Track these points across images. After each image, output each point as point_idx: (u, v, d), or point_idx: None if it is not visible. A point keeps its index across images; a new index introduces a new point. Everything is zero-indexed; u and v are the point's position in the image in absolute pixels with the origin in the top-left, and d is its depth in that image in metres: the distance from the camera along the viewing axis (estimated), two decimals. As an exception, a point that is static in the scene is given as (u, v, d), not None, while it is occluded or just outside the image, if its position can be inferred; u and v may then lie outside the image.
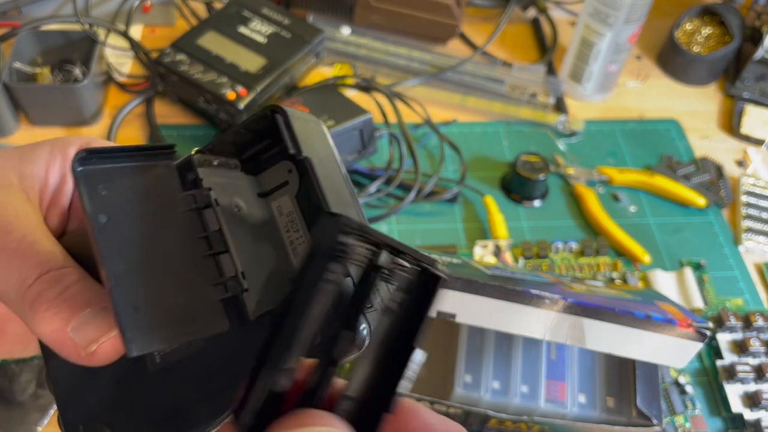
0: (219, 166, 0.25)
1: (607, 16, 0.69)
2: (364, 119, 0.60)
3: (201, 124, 0.70)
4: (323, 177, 0.23)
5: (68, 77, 0.68)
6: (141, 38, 0.77)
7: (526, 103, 0.75)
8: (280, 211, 0.26)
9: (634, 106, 0.78)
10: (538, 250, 0.61)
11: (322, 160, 0.24)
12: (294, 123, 0.23)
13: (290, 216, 0.25)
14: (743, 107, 0.77)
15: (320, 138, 0.24)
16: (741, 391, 0.53)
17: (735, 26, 0.78)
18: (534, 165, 0.65)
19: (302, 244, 0.25)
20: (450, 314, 0.42)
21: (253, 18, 0.70)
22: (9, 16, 0.74)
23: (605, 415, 0.46)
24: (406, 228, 0.63)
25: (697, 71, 0.79)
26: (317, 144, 0.24)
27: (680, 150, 0.73)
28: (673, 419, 0.52)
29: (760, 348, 0.55)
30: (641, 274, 0.61)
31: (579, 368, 0.47)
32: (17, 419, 0.48)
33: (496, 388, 0.45)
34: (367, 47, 0.77)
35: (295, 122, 0.23)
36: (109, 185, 0.22)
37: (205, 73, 0.65)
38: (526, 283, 0.43)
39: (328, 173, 0.24)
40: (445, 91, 0.75)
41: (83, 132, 0.67)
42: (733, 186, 0.70)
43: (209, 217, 0.24)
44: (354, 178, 0.65)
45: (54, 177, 0.26)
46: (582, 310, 0.42)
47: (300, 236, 0.25)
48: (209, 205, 0.24)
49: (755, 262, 0.64)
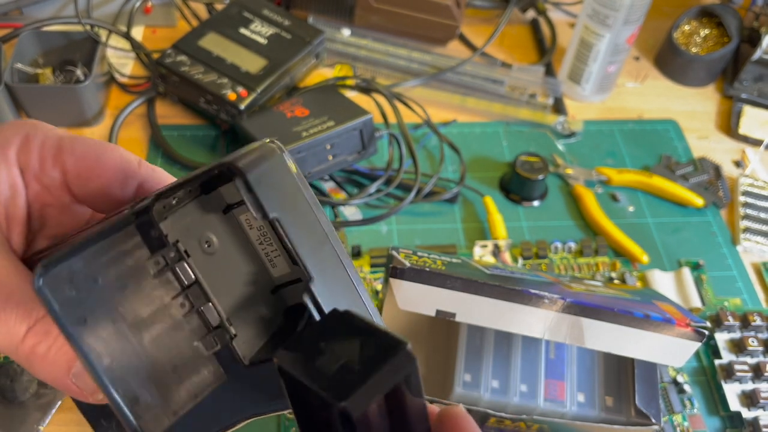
0: (178, 204, 0.24)
1: (606, 17, 0.69)
2: (364, 120, 0.61)
3: (202, 125, 0.70)
4: (293, 228, 0.22)
5: (70, 78, 0.69)
6: (142, 39, 0.77)
7: (525, 104, 0.75)
8: (250, 225, 0.25)
9: (632, 106, 0.78)
10: (537, 250, 0.61)
11: (288, 202, 0.22)
12: (252, 179, 0.21)
13: (261, 229, 0.25)
14: (741, 108, 0.78)
15: (281, 173, 0.22)
16: (739, 390, 0.53)
17: (733, 27, 0.78)
18: (533, 165, 0.65)
19: (278, 257, 0.25)
20: (450, 313, 0.42)
21: (253, 19, 0.71)
22: (10, 17, 0.75)
23: (604, 414, 0.46)
24: (405, 228, 0.63)
25: (695, 72, 0.80)
26: (281, 185, 0.22)
27: (679, 150, 0.73)
28: (671, 418, 0.52)
29: (757, 347, 0.55)
30: (640, 274, 0.61)
31: (578, 367, 0.48)
32: (19, 419, 0.48)
33: (495, 387, 0.46)
34: (367, 48, 0.77)
35: (253, 175, 0.21)
36: (76, 282, 0.21)
37: (206, 73, 0.65)
38: (525, 282, 0.44)
39: (298, 217, 0.22)
40: (444, 91, 0.75)
41: (85, 133, 0.68)
42: (732, 186, 0.70)
43: (183, 272, 0.23)
44: (354, 179, 0.66)
45: (2, 191, 0.25)
46: (581, 310, 0.42)
47: (274, 249, 0.25)
48: (180, 259, 0.23)
49: (753, 262, 0.64)
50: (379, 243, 0.62)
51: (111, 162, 0.26)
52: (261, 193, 0.21)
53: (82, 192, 0.27)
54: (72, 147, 0.27)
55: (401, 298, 0.42)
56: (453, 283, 0.42)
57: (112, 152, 0.27)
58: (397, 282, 0.42)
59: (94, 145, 0.27)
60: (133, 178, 0.27)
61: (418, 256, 0.45)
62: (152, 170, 0.28)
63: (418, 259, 0.44)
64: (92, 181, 0.26)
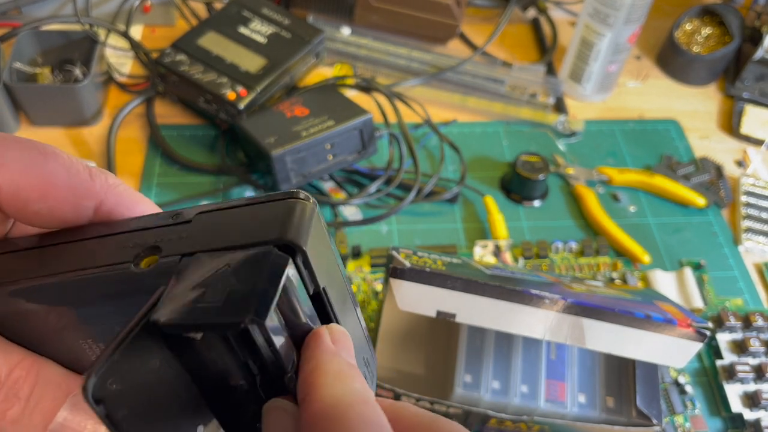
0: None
1: (607, 16, 0.69)
2: (364, 119, 0.60)
3: (201, 124, 0.70)
4: (333, 292, 0.20)
5: (68, 77, 0.68)
6: (141, 38, 0.77)
7: (526, 103, 0.75)
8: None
9: (633, 106, 0.78)
10: (538, 250, 0.61)
11: (331, 266, 0.21)
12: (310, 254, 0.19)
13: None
14: (743, 107, 0.77)
15: (323, 235, 0.20)
16: (741, 391, 0.53)
17: (735, 26, 0.78)
18: (534, 165, 0.65)
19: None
20: (450, 314, 0.42)
21: (253, 18, 0.70)
22: (9, 16, 0.74)
23: (605, 415, 0.46)
24: (406, 228, 0.63)
25: (696, 71, 0.80)
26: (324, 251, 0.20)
27: (680, 150, 0.73)
28: (672, 419, 0.52)
29: (759, 348, 0.55)
30: (641, 274, 0.61)
31: (579, 368, 0.48)
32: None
33: (496, 388, 0.45)
34: (367, 47, 0.77)
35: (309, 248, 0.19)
36: (118, 377, 0.18)
37: (206, 73, 0.65)
38: (526, 283, 0.44)
39: (335, 282, 0.21)
40: (445, 91, 0.75)
41: (84, 133, 0.67)
42: (733, 186, 0.70)
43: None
44: (354, 178, 0.65)
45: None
46: (582, 310, 0.42)
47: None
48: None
49: (755, 262, 0.64)
50: (379, 243, 0.61)
51: (57, 179, 0.20)
52: (315, 265, 0.19)
53: (19, 214, 0.21)
54: (2, 157, 0.20)
55: (401, 298, 0.42)
56: (453, 283, 0.41)
57: (57, 164, 0.21)
58: (397, 282, 0.42)
59: (32, 154, 0.20)
60: (88, 199, 0.21)
61: (419, 256, 0.44)
62: (109, 186, 0.22)
63: (419, 259, 0.44)
64: (34, 203, 0.20)
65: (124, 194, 0.22)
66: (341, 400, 0.17)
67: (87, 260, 0.20)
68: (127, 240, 0.20)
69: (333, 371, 0.18)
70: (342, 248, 0.59)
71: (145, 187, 0.64)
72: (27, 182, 0.20)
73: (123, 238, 0.21)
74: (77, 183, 0.21)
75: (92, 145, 0.67)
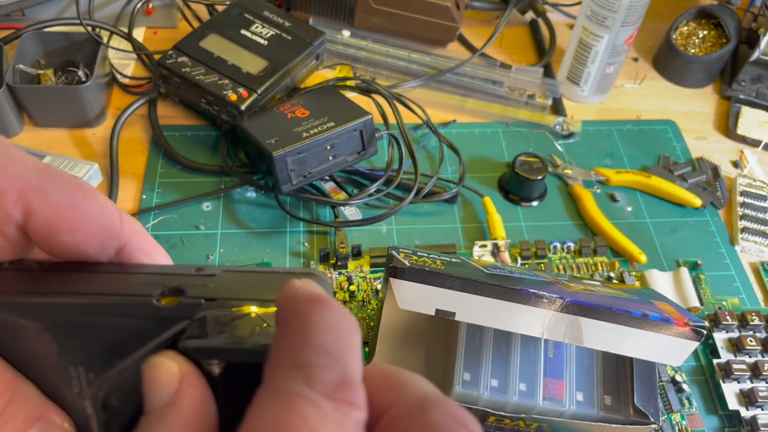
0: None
1: (604, 18, 0.70)
2: (364, 120, 0.61)
3: (203, 125, 0.70)
4: None
5: (71, 79, 0.69)
6: (144, 40, 0.78)
7: (524, 105, 0.75)
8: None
9: (631, 107, 0.78)
10: (536, 250, 0.62)
11: None
12: None
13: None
14: (739, 109, 0.78)
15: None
16: (737, 389, 0.54)
17: (731, 28, 0.79)
18: (532, 166, 0.65)
19: None
20: (449, 313, 0.42)
21: (254, 20, 0.71)
22: (12, 18, 0.75)
23: (603, 413, 0.46)
24: (405, 228, 0.64)
25: (693, 73, 0.80)
26: None
27: (677, 151, 0.74)
28: (670, 417, 0.52)
29: (755, 347, 0.55)
30: (638, 274, 0.61)
31: (577, 366, 0.48)
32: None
33: (494, 386, 0.46)
34: (367, 49, 0.77)
35: None
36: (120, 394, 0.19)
37: (207, 74, 0.66)
38: (524, 282, 0.44)
39: None
40: (444, 92, 0.76)
41: (86, 134, 0.68)
42: (729, 186, 0.70)
43: None
44: (354, 179, 0.66)
45: None
46: (580, 309, 0.42)
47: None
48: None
49: (751, 262, 0.64)
50: (379, 243, 0.62)
51: (90, 216, 0.21)
52: None
53: (45, 242, 0.21)
54: (44, 187, 0.21)
55: (401, 297, 0.42)
56: (452, 282, 0.42)
57: (93, 202, 0.22)
58: (397, 282, 0.42)
59: (71, 188, 0.21)
60: (115, 239, 0.22)
61: (418, 256, 0.45)
62: (135, 231, 0.23)
63: (418, 259, 0.44)
64: (63, 234, 0.21)
65: (147, 242, 0.23)
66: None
67: (109, 287, 0.21)
68: (150, 279, 0.21)
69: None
70: (342, 248, 0.59)
71: (147, 187, 0.64)
72: (62, 214, 0.21)
73: (145, 277, 0.22)
74: (107, 223, 0.22)
75: (95, 146, 0.67)
